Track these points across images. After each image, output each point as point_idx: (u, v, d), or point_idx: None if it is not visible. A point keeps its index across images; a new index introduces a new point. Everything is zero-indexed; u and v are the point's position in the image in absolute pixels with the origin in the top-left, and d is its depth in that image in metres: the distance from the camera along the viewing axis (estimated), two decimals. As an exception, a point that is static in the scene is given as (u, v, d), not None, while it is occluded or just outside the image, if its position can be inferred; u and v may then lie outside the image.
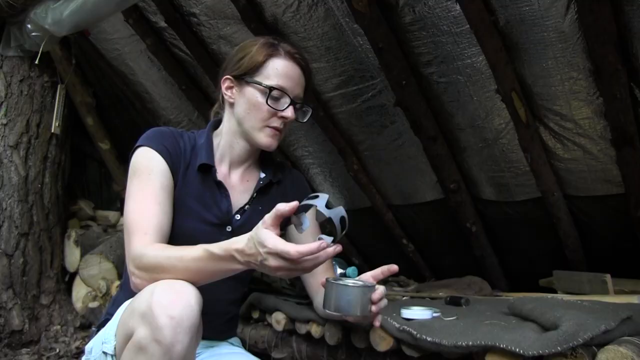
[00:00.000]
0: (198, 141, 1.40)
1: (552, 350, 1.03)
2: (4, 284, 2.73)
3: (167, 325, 0.96)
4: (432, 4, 1.91)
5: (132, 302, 1.07)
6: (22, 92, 2.86)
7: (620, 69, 1.69)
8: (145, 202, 1.24)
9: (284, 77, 1.34)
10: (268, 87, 1.33)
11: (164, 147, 1.31)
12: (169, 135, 1.36)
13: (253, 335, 1.93)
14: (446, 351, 1.23)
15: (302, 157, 2.89)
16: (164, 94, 3.10)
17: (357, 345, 1.48)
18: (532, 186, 2.25)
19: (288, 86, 1.34)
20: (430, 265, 3.00)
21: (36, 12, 2.58)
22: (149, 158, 1.30)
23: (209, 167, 1.37)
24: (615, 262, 2.20)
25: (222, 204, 1.37)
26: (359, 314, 1.14)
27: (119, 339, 1.10)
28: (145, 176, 1.28)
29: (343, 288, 1.14)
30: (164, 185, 1.28)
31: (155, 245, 1.19)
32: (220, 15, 2.43)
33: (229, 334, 1.52)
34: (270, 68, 1.34)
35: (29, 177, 2.86)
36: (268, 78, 1.34)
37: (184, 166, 1.35)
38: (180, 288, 1.02)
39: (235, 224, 1.38)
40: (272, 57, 1.35)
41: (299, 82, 1.37)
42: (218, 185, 1.37)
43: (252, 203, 1.42)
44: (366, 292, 1.15)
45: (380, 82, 2.27)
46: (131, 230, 1.21)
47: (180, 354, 0.98)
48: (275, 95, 1.34)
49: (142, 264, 1.14)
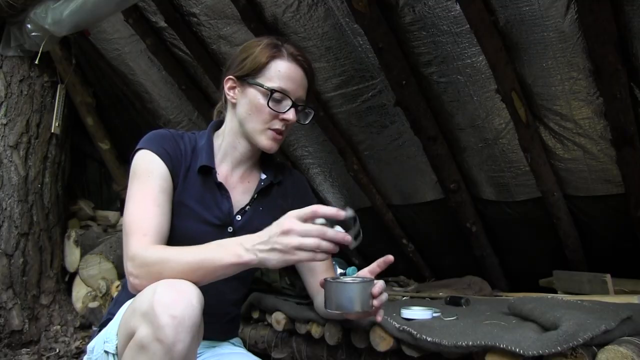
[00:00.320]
0: (199, 142, 1.41)
1: (552, 350, 1.03)
2: (4, 284, 2.73)
3: (168, 324, 0.96)
4: (432, 4, 1.91)
5: (134, 302, 1.08)
6: (22, 92, 2.86)
7: (620, 69, 1.69)
8: (144, 204, 1.24)
9: (286, 80, 1.34)
10: (270, 90, 1.33)
11: (164, 150, 1.32)
12: (169, 137, 1.36)
13: (253, 335, 1.93)
14: (446, 351, 1.23)
15: (302, 157, 2.89)
16: (164, 94, 3.10)
17: (357, 345, 1.48)
18: (532, 186, 2.25)
19: (290, 88, 1.34)
20: (430, 265, 3.00)
21: (36, 12, 2.58)
22: (149, 161, 1.30)
23: (210, 169, 1.37)
24: (615, 262, 2.20)
25: (222, 205, 1.37)
26: (360, 310, 1.13)
27: (121, 338, 1.10)
28: (145, 179, 1.28)
29: (342, 286, 1.14)
30: (163, 188, 1.29)
31: (154, 246, 1.19)
32: (220, 15, 2.43)
33: (230, 334, 1.52)
34: (273, 70, 1.34)
35: (29, 177, 2.86)
36: (270, 80, 1.33)
37: (185, 168, 1.35)
38: (182, 287, 1.02)
39: (236, 225, 1.39)
40: (275, 59, 1.34)
41: (301, 84, 1.37)
42: (219, 186, 1.38)
43: (253, 204, 1.42)
44: (366, 287, 1.15)
45: (380, 82, 2.27)
46: (130, 231, 1.21)
47: (181, 353, 0.98)
48: (277, 98, 1.33)
49: (141, 264, 1.14)
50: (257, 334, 1.92)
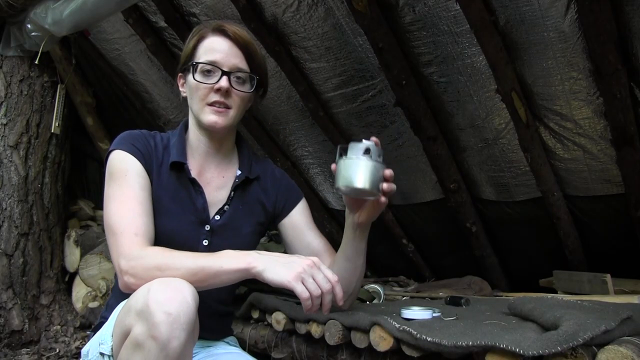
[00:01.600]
0: (171, 140, 1.41)
1: (552, 350, 1.03)
2: (4, 284, 2.73)
3: (163, 321, 0.96)
4: (432, 4, 1.91)
5: (129, 301, 1.07)
6: (22, 92, 2.86)
7: (620, 69, 1.69)
8: (128, 203, 1.24)
9: (210, 51, 1.33)
10: (193, 64, 1.33)
11: (135, 148, 1.32)
12: (140, 136, 1.36)
13: (253, 335, 1.93)
14: (446, 351, 1.23)
15: (302, 157, 2.89)
16: (164, 94, 3.10)
17: (357, 345, 1.47)
18: (532, 186, 2.25)
19: (216, 58, 1.32)
20: (430, 265, 3.00)
21: (36, 12, 2.58)
22: (123, 160, 1.30)
23: (181, 164, 1.36)
24: (615, 262, 2.21)
25: (197, 201, 1.36)
26: (368, 187, 1.15)
27: (116, 338, 1.10)
28: (122, 178, 1.28)
29: (355, 161, 1.15)
30: (142, 185, 1.29)
31: (153, 248, 1.19)
32: (220, 15, 2.43)
33: (223, 333, 1.52)
34: (200, 49, 1.35)
35: (29, 177, 2.86)
36: (198, 59, 1.34)
37: (157, 165, 1.35)
38: (177, 285, 1.02)
39: (214, 224, 1.37)
40: (201, 39, 1.35)
41: (231, 53, 1.34)
42: (192, 182, 1.37)
43: (232, 202, 1.41)
44: (377, 167, 1.16)
45: (380, 82, 2.27)
46: (118, 231, 1.20)
47: (176, 350, 0.98)
48: (205, 70, 1.33)
49: (137, 264, 1.14)
50: (257, 334, 1.92)
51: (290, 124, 2.74)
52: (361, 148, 1.17)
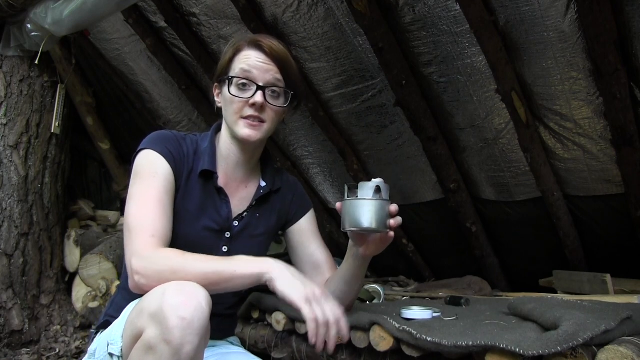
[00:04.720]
0: (201, 145, 1.40)
1: (552, 350, 1.03)
2: (4, 284, 2.73)
3: (177, 326, 0.96)
4: (432, 4, 1.91)
5: (141, 302, 1.07)
6: (22, 92, 2.86)
7: (620, 69, 1.69)
8: (149, 204, 1.24)
9: (245, 66, 1.33)
10: (229, 78, 1.34)
11: (168, 151, 1.31)
12: (173, 139, 1.36)
13: (253, 335, 1.93)
14: (446, 351, 1.23)
15: (302, 157, 2.89)
16: (164, 94, 3.10)
17: (357, 345, 1.47)
18: (532, 186, 2.25)
19: (252, 73, 1.33)
20: (430, 265, 3.00)
21: (36, 12, 2.57)
22: (153, 161, 1.30)
23: (211, 173, 1.37)
24: (615, 262, 2.21)
25: (222, 210, 1.37)
26: (376, 227, 1.15)
27: (126, 339, 1.09)
28: (149, 179, 1.28)
29: (360, 202, 1.16)
30: (167, 189, 1.29)
31: (167, 250, 1.19)
32: (220, 15, 2.43)
33: (228, 333, 1.53)
34: (236, 62, 1.35)
35: (29, 177, 2.86)
36: (233, 72, 1.35)
37: (187, 171, 1.35)
38: (192, 290, 1.02)
39: (234, 230, 1.39)
40: (237, 53, 1.36)
41: (266, 68, 1.34)
42: (219, 191, 1.37)
43: (251, 210, 1.42)
44: (383, 205, 1.17)
45: (380, 82, 2.27)
46: (136, 231, 1.20)
47: (189, 354, 0.98)
48: (241, 84, 1.33)
49: (151, 265, 1.13)
50: (257, 334, 1.92)
51: (290, 124, 2.74)
52: (371, 187, 1.17)
